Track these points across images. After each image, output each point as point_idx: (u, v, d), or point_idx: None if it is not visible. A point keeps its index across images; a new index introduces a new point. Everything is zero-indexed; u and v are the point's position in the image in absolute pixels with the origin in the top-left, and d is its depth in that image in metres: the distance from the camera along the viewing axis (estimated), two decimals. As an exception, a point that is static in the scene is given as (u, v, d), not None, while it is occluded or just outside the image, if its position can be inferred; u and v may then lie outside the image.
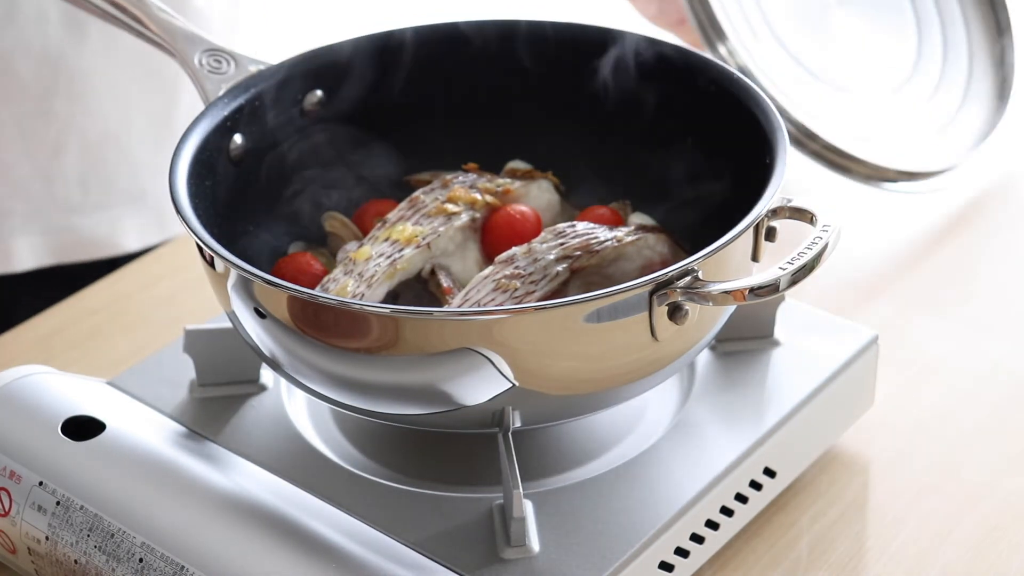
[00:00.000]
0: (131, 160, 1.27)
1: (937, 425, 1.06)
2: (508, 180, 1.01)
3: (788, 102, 1.25)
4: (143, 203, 1.28)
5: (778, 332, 1.02)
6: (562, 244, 0.93)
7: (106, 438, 0.93)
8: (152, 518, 0.89)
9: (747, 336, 1.01)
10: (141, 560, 0.88)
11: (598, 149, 1.04)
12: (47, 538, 0.91)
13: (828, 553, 0.96)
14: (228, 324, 0.93)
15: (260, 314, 0.86)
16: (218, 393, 0.99)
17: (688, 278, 0.83)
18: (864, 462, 1.03)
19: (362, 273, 0.94)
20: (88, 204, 1.25)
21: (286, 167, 1.01)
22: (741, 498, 0.94)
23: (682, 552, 0.91)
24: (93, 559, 0.89)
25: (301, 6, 2.20)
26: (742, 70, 1.23)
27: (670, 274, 0.83)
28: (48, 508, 0.91)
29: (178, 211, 0.88)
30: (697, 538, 0.91)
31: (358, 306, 0.84)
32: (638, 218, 1.00)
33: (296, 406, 0.98)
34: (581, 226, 0.95)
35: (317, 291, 0.90)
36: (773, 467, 0.96)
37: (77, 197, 1.24)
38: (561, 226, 0.95)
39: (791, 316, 1.03)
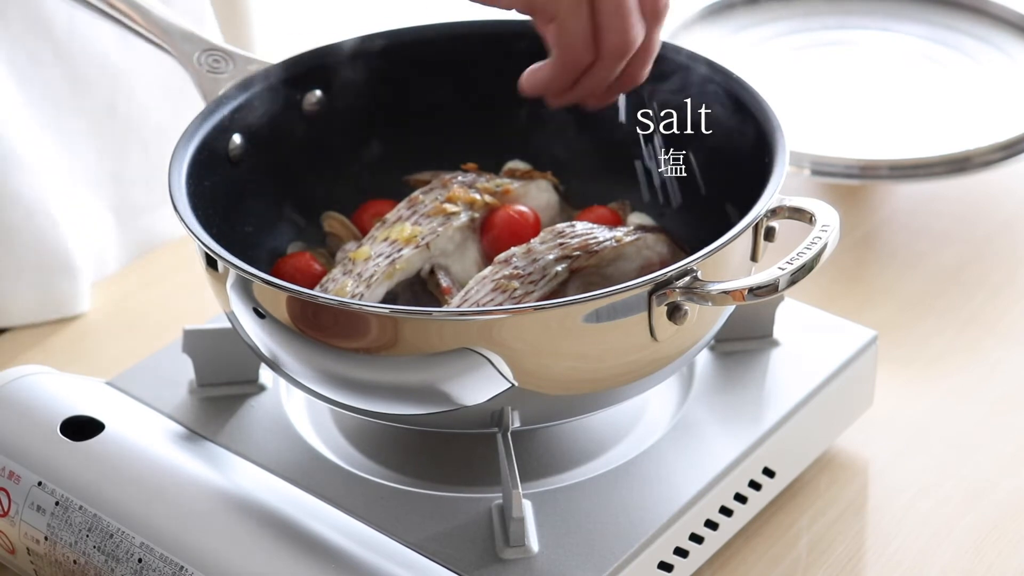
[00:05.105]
0: None
1: (937, 425, 1.06)
2: (507, 180, 1.01)
3: None
4: None
5: (777, 332, 1.02)
6: (561, 244, 0.93)
7: (105, 438, 0.93)
8: (151, 518, 0.89)
9: (746, 336, 1.01)
10: (140, 560, 0.88)
11: (598, 149, 1.04)
12: (46, 538, 0.91)
13: (827, 553, 0.96)
14: (227, 324, 0.93)
15: (259, 314, 0.86)
16: (217, 393, 0.99)
17: (687, 278, 0.83)
18: (863, 462, 1.03)
19: (361, 273, 0.94)
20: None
21: (285, 167, 1.01)
22: (740, 498, 0.94)
23: (681, 552, 0.91)
24: (92, 559, 0.89)
25: (301, 6, 2.20)
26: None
27: (669, 274, 0.83)
28: (47, 508, 0.91)
29: (177, 211, 0.88)
30: (696, 538, 0.91)
31: (357, 306, 0.84)
32: (637, 218, 1.00)
33: (295, 406, 0.98)
34: (580, 226, 0.95)
35: (316, 291, 0.90)
36: (772, 467, 0.96)
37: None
38: (560, 226, 0.95)
39: (790, 316, 1.03)
